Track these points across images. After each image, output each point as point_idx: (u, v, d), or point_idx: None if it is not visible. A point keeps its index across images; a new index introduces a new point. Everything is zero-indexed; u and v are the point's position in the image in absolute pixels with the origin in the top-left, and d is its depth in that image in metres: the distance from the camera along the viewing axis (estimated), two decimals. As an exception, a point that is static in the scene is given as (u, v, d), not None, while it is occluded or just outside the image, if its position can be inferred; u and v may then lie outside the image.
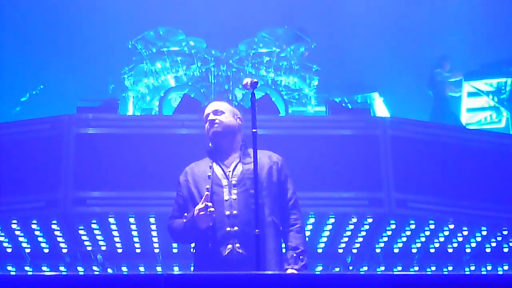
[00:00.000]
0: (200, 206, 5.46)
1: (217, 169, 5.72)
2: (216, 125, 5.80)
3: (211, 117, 5.83)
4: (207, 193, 5.50)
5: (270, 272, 5.22)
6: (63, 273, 9.33)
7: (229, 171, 5.68)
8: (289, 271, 5.37)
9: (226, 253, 5.46)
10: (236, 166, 5.71)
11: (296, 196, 5.74)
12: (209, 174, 5.69)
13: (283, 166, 5.78)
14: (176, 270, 9.57)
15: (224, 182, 5.65)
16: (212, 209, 5.43)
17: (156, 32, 12.57)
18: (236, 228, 5.48)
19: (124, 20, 14.25)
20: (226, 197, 5.58)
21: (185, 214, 5.67)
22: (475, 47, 14.92)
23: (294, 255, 5.46)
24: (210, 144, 5.87)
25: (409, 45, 15.15)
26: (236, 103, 10.81)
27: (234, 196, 5.58)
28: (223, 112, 5.85)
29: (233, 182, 5.64)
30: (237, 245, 5.45)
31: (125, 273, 9.34)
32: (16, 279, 4.15)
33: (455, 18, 15.13)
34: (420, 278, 4.04)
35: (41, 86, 13.40)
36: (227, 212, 5.53)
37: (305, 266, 5.46)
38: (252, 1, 14.62)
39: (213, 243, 5.50)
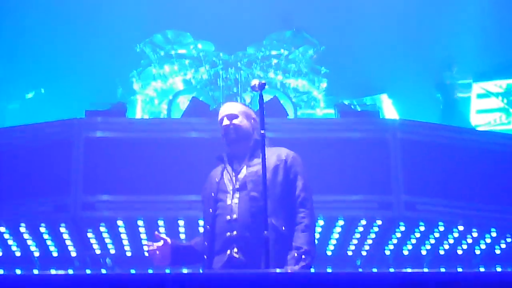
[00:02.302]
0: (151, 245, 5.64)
1: (226, 174, 5.67)
2: (231, 131, 5.69)
3: (225, 122, 5.71)
4: (156, 232, 5.68)
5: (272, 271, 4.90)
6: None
7: (235, 176, 5.63)
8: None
9: (224, 259, 5.41)
10: (241, 169, 5.64)
11: (307, 193, 5.53)
12: (217, 180, 5.67)
13: (293, 163, 5.61)
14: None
15: (230, 187, 5.59)
16: (153, 247, 5.59)
17: (164, 35, 12.56)
18: (235, 232, 5.42)
19: (132, 23, 14.22)
20: (228, 202, 5.53)
21: (207, 226, 5.63)
22: (484, 48, 14.85)
23: (296, 254, 5.27)
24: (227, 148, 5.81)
25: (418, 47, 15.07)
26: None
27: (236, 201, 5.51)
28: (237, 116, 5.72)
29: (237, 186, 5.57)
30: (235, 250, 5.38)
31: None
32: (23, 279, 4.11)
33: (464, 19, 15.06)
34: (425, 276, 4.01)
35: (42, 90, 13.51)
36: (228, 217, 5.47)
37: (308, 266, 5.27)
38: (260, 4, 14.58)
39: (214, 249, 5.48)
